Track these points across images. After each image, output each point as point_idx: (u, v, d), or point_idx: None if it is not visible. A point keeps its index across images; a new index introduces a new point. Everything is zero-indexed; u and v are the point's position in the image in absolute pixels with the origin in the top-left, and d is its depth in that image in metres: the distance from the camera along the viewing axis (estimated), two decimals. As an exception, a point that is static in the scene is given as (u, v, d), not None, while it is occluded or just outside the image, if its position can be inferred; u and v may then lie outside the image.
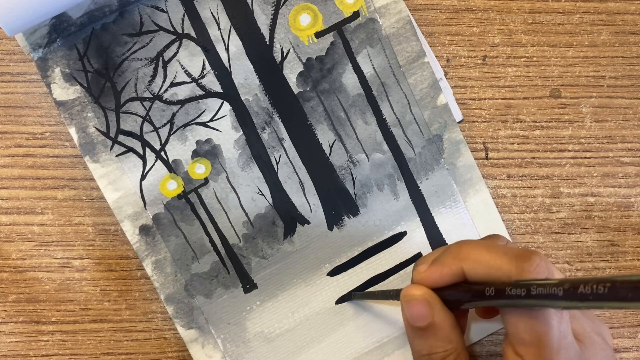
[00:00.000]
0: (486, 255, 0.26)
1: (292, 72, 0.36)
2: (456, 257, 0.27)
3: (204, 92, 0.36)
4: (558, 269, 0.29)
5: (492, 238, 0.31)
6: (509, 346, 0.27)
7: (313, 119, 0.36)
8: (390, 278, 0.37)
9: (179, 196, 0.36)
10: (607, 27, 0.38)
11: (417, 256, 0.37)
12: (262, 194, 0.36)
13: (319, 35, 0.36)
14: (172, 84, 0.36)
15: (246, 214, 0.36)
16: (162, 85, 0.35)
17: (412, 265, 0.37)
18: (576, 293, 0.20)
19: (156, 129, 0.36)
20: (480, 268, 0.26)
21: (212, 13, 0.35)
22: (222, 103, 0.36)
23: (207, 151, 0.36)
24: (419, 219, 0.37)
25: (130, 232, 0.36)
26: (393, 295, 0.32)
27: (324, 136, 0.37)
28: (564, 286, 0.20)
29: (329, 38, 0.36)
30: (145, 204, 0.36)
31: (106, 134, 0.35)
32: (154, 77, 0.35)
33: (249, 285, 0.37)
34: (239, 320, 0.37)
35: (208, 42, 0.35)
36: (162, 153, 0.36)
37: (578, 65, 0.38)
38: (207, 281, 0.36)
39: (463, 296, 0.27)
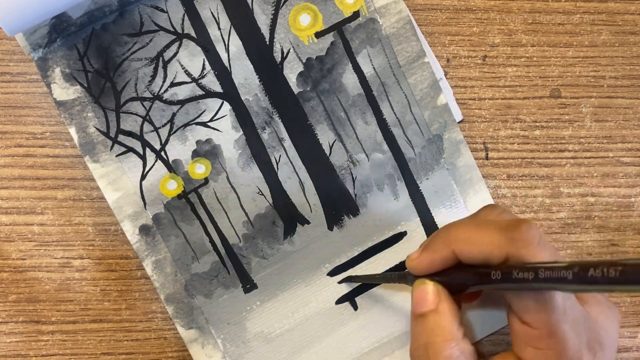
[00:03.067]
0: (475, 233, 0.26)
1: (292, 72, 0.36)
2: (445, 241, 0.27)
3: (204, 92, 0.36)
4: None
5: (485, 210, 0.30)
6: (514, 316, 0.26)
7: (313, 119, 0.36)
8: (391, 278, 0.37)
9: (179, 196, 0.36)
10: (607, 27, 0.38)
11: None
12: (262, 194, 0.36)
13: (319, 35, 0.36)
14: (172, 84, 0.36)
15: (246, 214, 0.36)
16: (162, 85, 0.35)
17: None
18: (586, 277, 0.19)
19: (156, 129, 0.36)
20: (471, 248, 0.26)
21: (212, 13, 0.35)
22: (222, 103, 0.36)
23: (207, 151, 0.36)
24: (419, 219, 0.37)
25: (130, 232, 0.36)
26: (394, 278, 0.32)
27: (324, 136, 0.37)
28: (574, 269, 0.20)
29: (329, 38, 0.36)
30: (145, 204, 0.36)
31: (106, 134, 0.35)
32: (154, 77, 0.35)
33: (249, 285, 0.37)
34: (239, 320, 0.37)
35: (208, 42, 0.35)
36: (162, 153, 0.36)
37: (578, 65, 0.38)
38: (207, 281, 0.36)
39: (468, 279, 0.26)
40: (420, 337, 0.28)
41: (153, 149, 0.36)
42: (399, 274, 0.31)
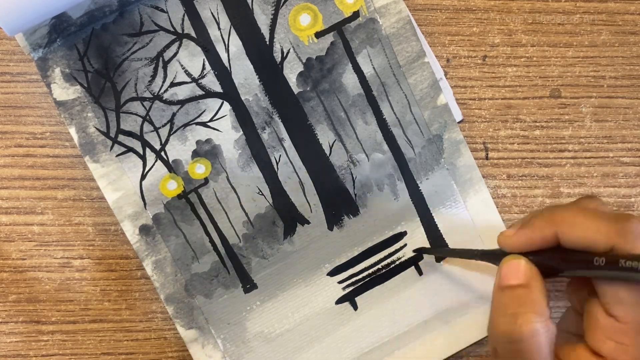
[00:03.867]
0: (582, 218, 0.25)
1: (292, 72, 0.36)
2: (550, 220, 0.26)
3: (204, 92, 0.36)
4: None
5: (585, 200, 0.29)
6: (598, 307, 0.25)
7: (313, 119, 0.36)
8: (391, 279, 0.37)
9: (179, 196, 0.36)
10: (607, 27, 0.38)
11: (418, 256, 0.37)
12: (262, 194, 0.36)
13: (319, 35, 0.36)
14: (172, 84, 0.36)
15: (246, 214, 0.36)
16: (162, 85, 0.35)
17: (412, 267, 0.37)
18: None
19: (156, 129, 0.36)
20: (576, 232, 0.25)
21: (212, 13, 0.35)
22: (222, 103, 0.36)
23: (207, 151, 0.36)
24: (419, 219, 0.37)
25: (130, 232, 0.36)
26: (477, 254, 0.31)
27: (324, 136, 0.37)
28: None
29: (329, 38, 0.36)
30: (145, 204, 0.36)
31: (106, 134, 0.35)
32: (154, 77, 0.35)
33: (249, 285, 0.37)
34: (239, 320, 0.37)
35: (208, 42, 0.36)
36: (162, 153, 0.36)
37: (578, 65, 0.38)
38: (207, 281, 0.36)
39: (566, 264, 0.25)
40: (507, 307, 0.26)
41: (153, 149, 0.36)
42: (484, 251, 0.30)
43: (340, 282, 0.37)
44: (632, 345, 0.24)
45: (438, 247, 0.37)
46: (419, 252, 0.37)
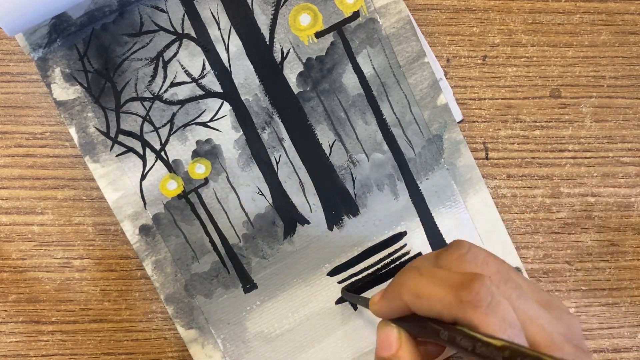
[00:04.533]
0: (425, 287, 0.25)
1: (292, 72, 0.36)
2: (398, 292, 0.26)
3: (204, 92, 0.36)
4: (517, 280, 0.27)
5: (448, 248, 0.28)
6: None
7: (313, 119, 0.36)
8: (391, 279, 0.37)
9: (179, 196, 0.36)
10: (607, 27, 0.38)
11: (417, 256, 0.37)
12: (262, 194, 0.36)
13: (319, 35, 0.36)
14: (172, 84, 0.36)
15: (246, 214, 0.36)
16: (162, 85, 0.35)
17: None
18: None
19: (156, 129, 0.36)
20: (421, 304, 0.25)
21: (212, 13, 0.35)
22: (222, 103, 0.36)
23: (207, 151, 0.36)
24: (419, 219, 0.37)
25: (130, 232, 0.36)
26: (364, 303, 0.32)
27: (324, 136, 0.37)
28: (504, 354, 0.20)
29: (329, 38, 0.36)
30: (145, 204, 0.36)
31: (106, 134, 0.35)
32: (154, 77, 0.35)
33: (249, 285, 0.37)
34: (239, 320, 0.37)
35: (208, 42, 0.35)
36: (162, 153, 0.36)
37: (578, 65, 0.38)
38: (207, 281, 0.36)
39: (422, 332, 0.26)
40: None
41: (153, 149, 0.36)
42: (367, 299, 0.31)
43: (340, 282, 0.37)
44: None
45: (349, 293, 0.36)
46: (342, 301, 0.37)
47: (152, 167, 0.36)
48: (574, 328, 0.26)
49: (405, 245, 0.37)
